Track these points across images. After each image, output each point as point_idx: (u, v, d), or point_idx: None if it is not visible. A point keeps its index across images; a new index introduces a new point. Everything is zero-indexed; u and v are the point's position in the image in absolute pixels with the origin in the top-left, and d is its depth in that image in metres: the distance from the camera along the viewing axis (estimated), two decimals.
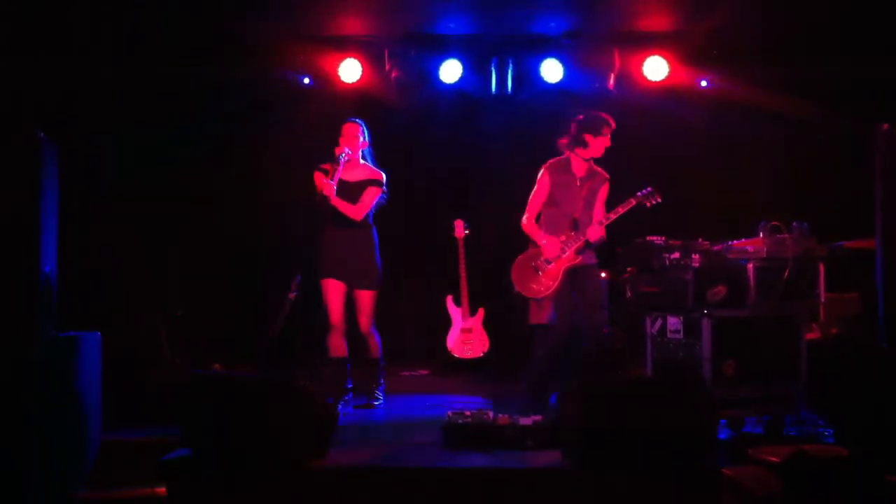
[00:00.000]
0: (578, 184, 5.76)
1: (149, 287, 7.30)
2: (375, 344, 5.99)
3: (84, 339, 4.70)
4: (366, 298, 5.89)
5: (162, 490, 4.16)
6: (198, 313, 7.29)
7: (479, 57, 7.58)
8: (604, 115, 5.77)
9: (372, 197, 5.83)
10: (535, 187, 5.85)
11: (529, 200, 5.86)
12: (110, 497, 4.45)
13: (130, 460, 4.67)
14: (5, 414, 3.99)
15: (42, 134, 4.17)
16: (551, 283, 5.64)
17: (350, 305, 5.91)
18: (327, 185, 5.60)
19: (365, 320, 5.91)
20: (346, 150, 5.71)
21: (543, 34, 7.52)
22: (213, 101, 7.64)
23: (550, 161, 5.86)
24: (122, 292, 7.06)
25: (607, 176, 5.87)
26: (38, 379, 4.03)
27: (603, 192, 5.85)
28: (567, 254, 5.65)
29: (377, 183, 5.87)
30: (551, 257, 5.65)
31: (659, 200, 5.66)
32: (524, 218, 5.85)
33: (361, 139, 5.87)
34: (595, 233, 5.65)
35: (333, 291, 5.82)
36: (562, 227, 5.73)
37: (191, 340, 7.06)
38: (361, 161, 5.91)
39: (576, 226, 5.70)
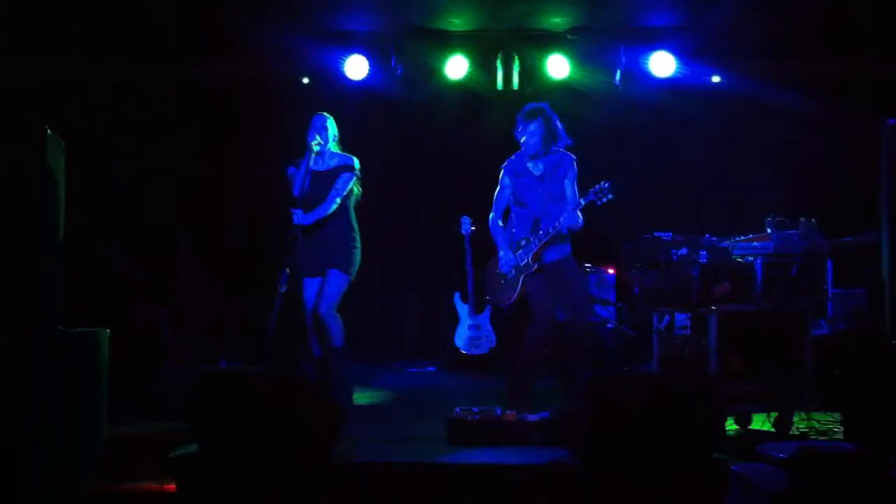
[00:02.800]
0: (538, 182, 5.46)
1: (155, 283, 7.32)
2: (336, 330, 5.52)
3: (91, 335, 4.71)
4: (332, 277, 5.53)
5: (171, 486, 4.17)
6: (204, 308, 7.32)
7: (485, 53, 7.57)
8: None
9: (345, 182, 5.65)
10: (498, 187, 5.61)
11: (494, 199, 5.63)
12: (118, 491, 4.46)
13: (138, 455, 4.68)
14: (13, 410, 4.00)
15: (49, 130, 4.18)
16: (513, 290, 5.42)
17: None
18: (296, 215, 5.53)
19: (325, 302, 5.50)
20: (318, 137, 5.62)
21: (549, 30, 7.51)
22: (216, 98, 7.66)
23: (508, 160, 5.60)
24: (128, 288, 7.07)
25: (573, 157, 5.49)
26: (45, 375, 4.04)
27: (570, 177, 5.45)
28: (524, 261, 5.39)
29: (350, 169, 5.69)
30: (502, 271, 5.48)
31: (610, 197, 5.19)
32: (490, 217, 5.62)
33: (331, 131, 5.76)
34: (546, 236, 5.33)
35: (310, 292, 5.63)
36: (527, 228, 5.46)
37: (197, 336, 7.08)
38: (332, 149, 5.78)
39: (537, 227, 5.38)
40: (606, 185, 5.20)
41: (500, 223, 5.61)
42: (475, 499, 4.09)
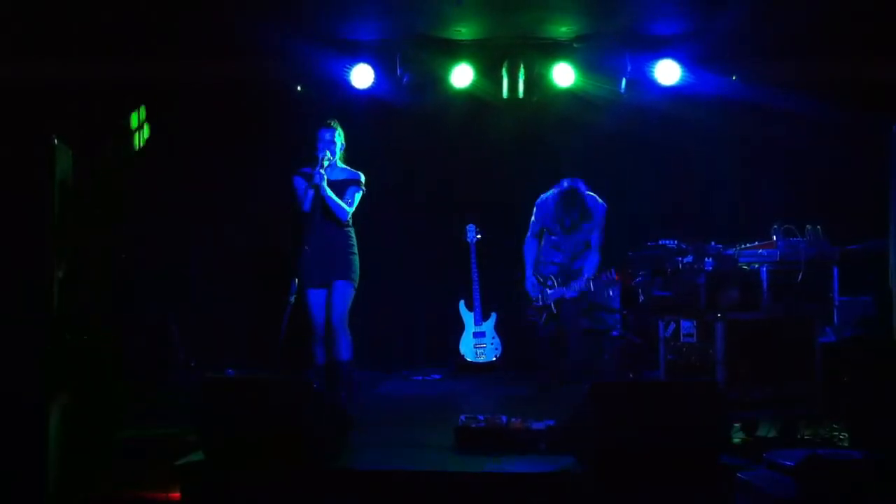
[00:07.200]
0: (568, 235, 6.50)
1: (162, 290, 7.33)
2: (346, 342, 5.72)
3: (95, 341, 4.71)
4: (339, 289, 5.70)
5: (175, 494, 4.17)
6: (213, 316, 7.32)
7: (491, 61, 7.57)
8: None
9: (353, 196, 5.77)
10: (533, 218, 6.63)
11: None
12: (124, 497, 4.46)
13: (144, 461, 4.68)
14: (19, 415, 4.01)
15: (55, 137, 4.19)
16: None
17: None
18: (318, 174, 5.58)
19: (337, 313, 5.70)
20: (328, 153, 5.68)
21: (555, 38, 7.52)
22: (223, 102, 7.68)
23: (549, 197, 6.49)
24: (135, 295, 7.08)
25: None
26: (51, 380, 4.05)
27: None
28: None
29: (358, 183, 5.80)
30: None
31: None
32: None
33: (339, 143, 5.83)
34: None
35: (316, 301, 5.74)
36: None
37: (205, 343, 7.09)
38: (340, 164, 5.85)
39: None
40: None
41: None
42: None
